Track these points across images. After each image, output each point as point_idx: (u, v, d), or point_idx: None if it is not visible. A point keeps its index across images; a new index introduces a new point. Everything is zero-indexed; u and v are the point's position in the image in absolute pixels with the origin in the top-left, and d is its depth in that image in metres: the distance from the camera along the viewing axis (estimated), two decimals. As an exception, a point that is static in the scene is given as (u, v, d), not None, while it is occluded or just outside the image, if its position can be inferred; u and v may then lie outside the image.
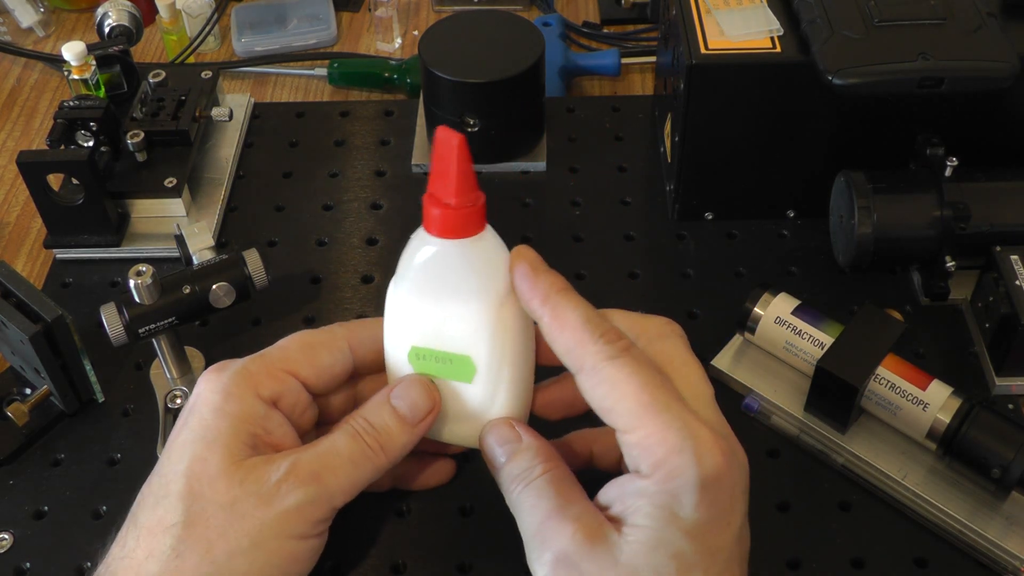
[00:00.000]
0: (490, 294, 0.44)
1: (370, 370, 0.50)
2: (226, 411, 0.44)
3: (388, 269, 0.68)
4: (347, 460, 0.45)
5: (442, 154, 0.41)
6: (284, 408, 0.47)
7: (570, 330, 0.42)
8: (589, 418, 0.45)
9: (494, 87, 0.69)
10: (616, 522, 0.41)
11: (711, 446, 0.40)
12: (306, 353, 0.48)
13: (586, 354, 0.41)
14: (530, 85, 0.71)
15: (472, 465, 0.56)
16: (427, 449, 0.52)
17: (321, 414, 0.50)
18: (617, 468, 0.48)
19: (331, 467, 0.45)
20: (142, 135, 0.68)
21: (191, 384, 0.60)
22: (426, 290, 0.45)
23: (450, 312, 0.45)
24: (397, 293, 0.46)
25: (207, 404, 0.45)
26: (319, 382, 0.48)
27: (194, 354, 0.62)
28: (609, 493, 0.42)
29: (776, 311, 0.58)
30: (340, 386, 0.50)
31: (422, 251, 0.44)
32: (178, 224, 0.63)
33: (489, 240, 0.44)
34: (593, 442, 0.50)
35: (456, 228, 0.43)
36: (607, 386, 0.41)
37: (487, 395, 0.46)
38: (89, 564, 0.53)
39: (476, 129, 0.71)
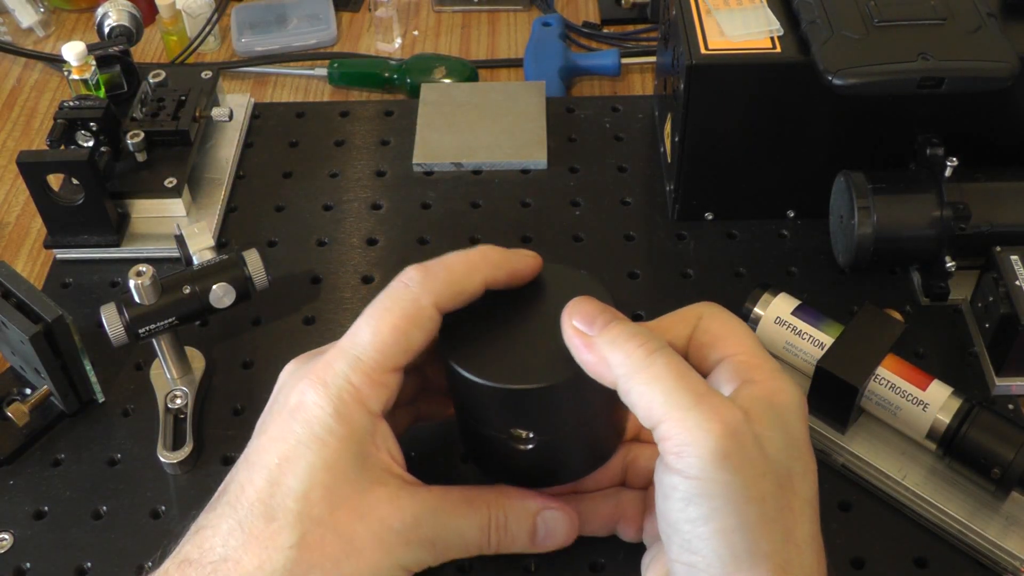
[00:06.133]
0: None
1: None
2: (340, 433, 0.43)
3: (388, 269, 0.68)
4: (465, 545, 0.46)
5: None
6: (387, 411, 0.45)
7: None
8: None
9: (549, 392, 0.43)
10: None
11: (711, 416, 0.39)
12: (400, 341, 0.44)
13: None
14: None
15: (472, 467, 0.56)
16: None
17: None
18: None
19: (449, 544, 0.45)
20: (142, 135, 0.68)
21: (191, 384, 0.60)
22: None
23: None
24: None
25: (318, 421, 0.43)
26: (412, 362, 0.45)
27: (194, 354, 0.62)
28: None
29: (776, 311, 0.58)
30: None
31: None
32: (178, 224, 0.63)
33: None
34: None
35: None
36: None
37: None
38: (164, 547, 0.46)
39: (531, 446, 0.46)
